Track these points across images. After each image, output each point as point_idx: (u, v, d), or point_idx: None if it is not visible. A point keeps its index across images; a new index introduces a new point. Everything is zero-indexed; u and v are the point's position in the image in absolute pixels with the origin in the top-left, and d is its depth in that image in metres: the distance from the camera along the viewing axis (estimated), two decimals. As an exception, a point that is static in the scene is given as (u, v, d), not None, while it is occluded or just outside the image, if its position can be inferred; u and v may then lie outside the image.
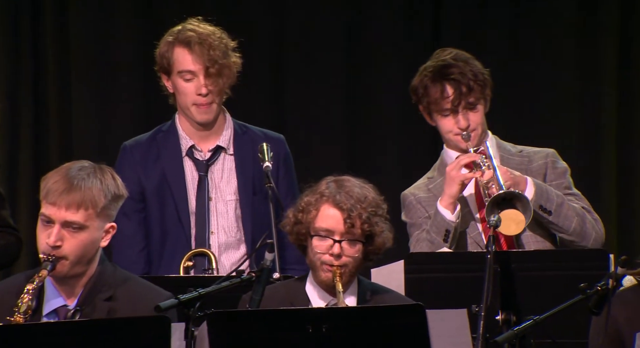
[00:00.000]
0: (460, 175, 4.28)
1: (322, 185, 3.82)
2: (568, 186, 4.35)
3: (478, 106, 4.34)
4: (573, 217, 4.22)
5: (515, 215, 4.10)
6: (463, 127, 4.33)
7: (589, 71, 6.08)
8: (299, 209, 3.80)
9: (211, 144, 4.53)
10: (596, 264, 3.76)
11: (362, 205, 3.73)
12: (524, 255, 3.91)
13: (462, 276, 3.84)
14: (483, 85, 4.34)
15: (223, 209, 4.50)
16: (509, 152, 4.42)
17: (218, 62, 4.39)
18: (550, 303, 3.50)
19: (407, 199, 4.44)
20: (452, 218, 4.26)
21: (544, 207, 4.20)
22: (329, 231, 3.77)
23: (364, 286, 3.82)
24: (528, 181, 4.24)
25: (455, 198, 4.28)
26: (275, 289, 3.79)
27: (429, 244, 4.28)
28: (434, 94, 4.33)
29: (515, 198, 4.15)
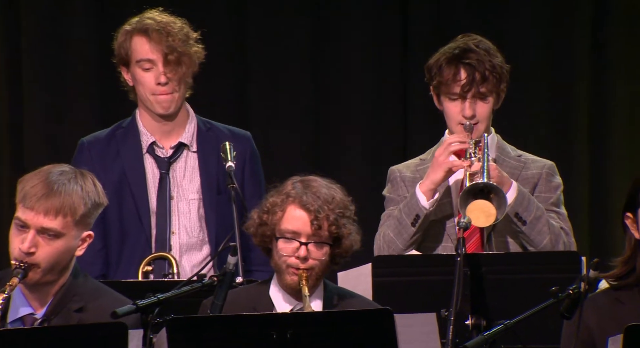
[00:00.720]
0: (448, 162, 4.26)
1: (288, 185, 3.83)
2: (555, 203, 4.36)
3: (489, 98, 4.32)
4: (547, 234, 4.23)
5: (488, 208, 4.08)
6: (468, 116, 4.30)
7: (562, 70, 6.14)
8: (263, 211, 3.80)
9: (173, 140, 4.52)
10: (568, 267, 3.81)
11: (329, 206, 3.75)
12: (494, 257, 3.94)
13: (431, 280, 3.87)
14: (499, 78, 4.31)
15: (185, 209, 4.50)
16: (507, 154, 4.42)
17: (177, 49, 4.39)
18: (521, 307, 3.54)
19: (393, 174, 4.44)
20: (426, 204, 4.26)
21: (520, 216, 4.22)
22: (295, 233, 3.78)
23: (330, 290, 3.84)
24: (513, 185, 4.25)
25: (437, 184, 4.28)
26: (237, 294, 3.79)
27: (397, 223, 4.27)
28: (447, 75, 4.30)
29: (492, 192, 4.14)
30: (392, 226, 4.31)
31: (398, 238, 4.31)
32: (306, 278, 3.74)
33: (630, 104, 6.19)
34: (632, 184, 3.68)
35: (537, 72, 6.15)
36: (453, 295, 3.74)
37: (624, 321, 3.45)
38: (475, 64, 4.29)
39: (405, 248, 4.31)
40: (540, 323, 3.64)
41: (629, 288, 3.65)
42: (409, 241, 4.30)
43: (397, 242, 4.30)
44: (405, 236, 4.30)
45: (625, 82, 6.18)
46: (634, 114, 6.19)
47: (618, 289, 3.66)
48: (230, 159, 4.28)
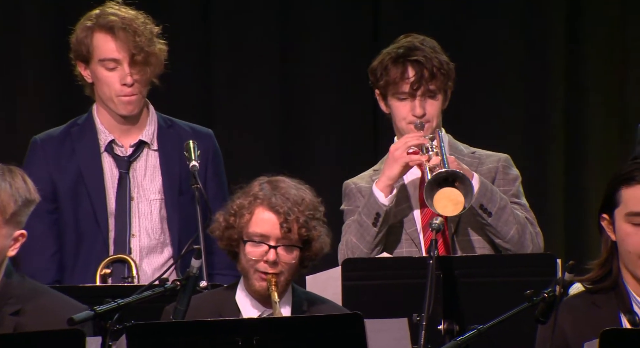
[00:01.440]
0: (405, 156, 4.28)
1: (255, 186, 3.83)
2: (516, 195, 4.40)
3: (438, 95, 4.37)
4: (513, 224, 4.28)
5: (455, 195, 4.12)
6: (419, 115, 4.34)
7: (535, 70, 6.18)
8: (230, 213, 3.79)
9: (133, 138, 4.50)
10: (543, 270, 3.86)
11: (299, 208, 3.76)
12: (467, 260, 3.98)
13: (403, 283, 3.90)
14: (447, 76, 4.36)
15: (146, 210, 4.49)
16: (460, 152, 4.46)
17: (144, 49, 4.36)
18: (495, 312, 3.57)
19: (348, 187, 4.46)
20: (385, 201, 4.27)
21: (484, 207, 4.26)
22: (263, 236, 3.79)
23: (299, 295, 3.85)
24: (474, 176, 4.28)
25: (393, 180, 4.29)
26: (202, 299, 3.78)
27: (358, 226, 4.29)
28: (394, 75, 4.33)
29: (457, 180, 4.17)
30: (354, 231, 4.34)
31: (361, 242, 4.33)
32: (275, 284, 3.75)
33: (606, 103, 6.24)
34: (608, 184, 3.74)
35: (511, 73, 6.18)
36: (425, 299, 3.78)
37: (600, 325, 3.51)
38: (423, 61, 4.34)
39: (369, 251, 4.32)
40: (515, 328, 3.67)
41: (605, 291, 3.70)
42: (372, 244, 4.32)
43: (361, 246, 4.33)
44: (368, 238, 4.32)
45: (601, 82, 6.25)
46: (610, 113, 6.27)
47: (594, 292, 3.70)
48: (195, 158, 4.27)
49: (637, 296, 3.73)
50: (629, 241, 3.69)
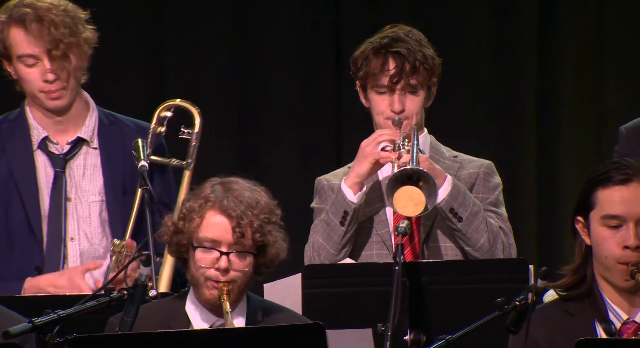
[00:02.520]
0: (375, 152, 4.29)
1: (207, 188, 3.82)
2: (494, 203, 4.44)
3: (420, 91, 4.38)
4: (484, 232, 4.32)
5: (417, 195, 4.13)
6: (397, 110, 4.35)
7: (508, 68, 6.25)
8: (179, 217, 3.79)
9: (70, 135, 4.47)
10: (515, 276, 3.91)
11: (253, 212, 3.76)
12: (435, 265, 4.00)
13: (367, 291, 3.93)
14: (430, 71, 4.37)
15: (85, 212, 4.46)
16: (441, 154, 4.48)
17: (63, 41, 4.32)
18: (464, 321, 3.64)
19: (320, 184, 4.46)
20: (353, 198, 4.29)
21: (455, 211, 4.31)
22: (215, 241, 3.78)
23: (254, 304, 3.85)
24: (447, 178, 4.32)
25: (362, 177, 4.30)
26: (149, 309, 3.78)
27: (325, 226, 4.31)
28: (374, 66, 4.35)
29: (422, 179, 4.19)
30: (321, 230, 4.34)
31: (328, 242, 4.34)
32: (227, 292, 3.74)
33: (579, 102, 6.31)
34: (583, 185, 3.80)
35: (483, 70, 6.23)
36: (391, 307, 3.81)
37: (574, 335, 3.61)
38: (405, 54, 4.35)
39: (337, 252, 4.33)
40: (485, 338, 3.74)
41: (579, 299, 3.77)
42: (340, 244, 4.33)
43: (328, 247, 4.34)
44: (335, 238, 4.33)
45: (574, 80, 6.29)
46: (584, 112, 6.33)
47: (567, 300, 3.78)
48: (144, 157, 4.26)
49: (612, 304, 3.80)
50: (605, 246, 3.76)
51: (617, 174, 3.80)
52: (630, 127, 4.58)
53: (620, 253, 3.78)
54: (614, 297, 3.81)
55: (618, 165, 3.82)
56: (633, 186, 3.79)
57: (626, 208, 3.78)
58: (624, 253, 3.77)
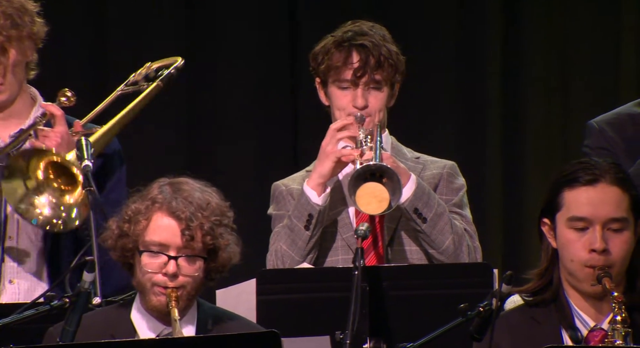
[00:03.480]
0: (337, 151, 4.20)
1: (154, 189, 3.73)
2: (458, 205, 4.36)
3: (384, 88, 4.28)
4: (449, 234, 4.24)
5: (380, 192, 4.04)
6: (360, 106, 4.25)
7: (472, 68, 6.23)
8: (124, 219, 3.69)
9: (12, 129, 4.37)
10: (478, 281, 3.84)
11: (203, 213, 3.67)
12: (396, 270, 3.93)
13: (325, 297, 3.86)
14: (395, 67, 4.28)
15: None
16: (403, 155, 4.39)
17: (2, 33, 4.24)
18: (426, 328, 3.58)
19: (278, 189, 4.36)
20: (317, 200, 4.21)
21: (419, 212, 4.22)
22: (162, 245, 3.71)
23: (204, 311, 3.76)
24: (411, 177, 4.23)
25: (325, 178, 4.21)
26: (93, 318, 3.70)
27: (288, 231, 4.22)
28: (337, 59, 4.25)
29: (386, 176, 4.10)
30: (284, 237, 4.26)
31: (293, 249, 4.26)
32: (176, 299, 3.65)
33: (545, 102, 6.31)
34: (550, 185, 3.73)
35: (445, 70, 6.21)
36: (350, 314, 3.73)
37: (540, 342, 3.56)
38: (370, 47, 4.26)
39: (302, 258, 4.25)
40: (448, 346, 3.65)
41: (545, 304, 3.72)
42: (305, 250, 4.25)
43: (292, 253, 4.26)
44: (300, 243, 4.25)
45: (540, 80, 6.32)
46: (550, 109, 6.35)
47: (533, 306, 3.73)
48: (87, 157, 4.14)
49: (579, 310, 3.74)
50: (571, 249, 3.70)
51: (585, 174, 3.72)
52: (602, 120, 4.53)
53: (587, 257, 3.71)
54: (581, 303, 3.75)
55: (585, 165, 3.74)
56: (600, 187, 3.72)
57: (593, 209, 3.71)
58: (591, 256, 3.70)
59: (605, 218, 3.70)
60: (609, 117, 4.52)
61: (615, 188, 3.72)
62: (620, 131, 4.46)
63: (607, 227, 3.71)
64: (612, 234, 3.71)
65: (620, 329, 3.61)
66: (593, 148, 4.45)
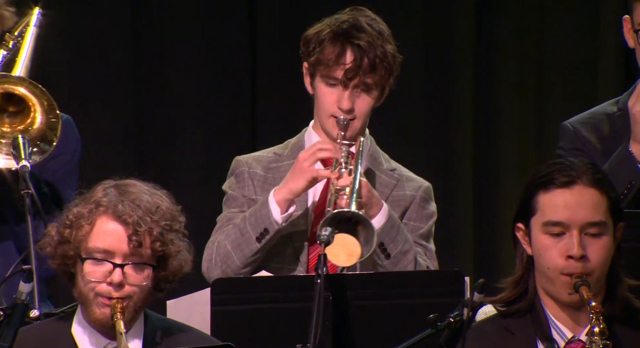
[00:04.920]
0: (313, 170, 4.11)
1: (98, 192, 3.61)
2: (425, 236, 4.26)
3: (373, 91, 4.17)
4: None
5: (352, 245, 3.96)
6: (345, 109, 4.14)
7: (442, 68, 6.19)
8: (65, 224, 3.56)
9: None
10: (449, 290, 3.73)
11: (152, 217, 3.56)
12: (361, 278, 3.82)
13: (285, 308, 3.75)
14: (389, 70, 4.16)
15: None
16: (379, 165, 4.28)
17: None
18: (393, 340, 3.50)
19: (240, 167, 4.24)
20: (278, 218, 4.10)
21: (385, 247, 4.11)
22: (107, 252, 3.58)
23: (152, 323, 3.64)
24: (383, 209, 4.13)
25: (295, 195, 4.12)
26: (30, 332, 3.58)
27: (238, 234, 4.10)
28: (329, 54, 4.13)
29: (360, 224, 4.01)
30: (232, 236, 4.13)
31: (236, 252, 4.14)
32: (121, 310, 3.53)
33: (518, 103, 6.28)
34: (524, 188, 3.62)
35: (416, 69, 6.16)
36: (312, 326, 3.63)
37: (515, 354, 3.43)
38: (366, 48, 4.13)
39: (243, 266, 4.13)
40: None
41: (520, 315, 3.61)
42: (249, 259, 4.13)
43: (235, 257, 4.13)
44: (246, 251, 4.14)
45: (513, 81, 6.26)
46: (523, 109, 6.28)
47: (507, 316, 3.62)
48: (25, 157, 4.05)
49: (556, 321, 3.63)
50: (547, 255, 3.59)
51: (560, 176, 3.60)
52: (576, 120, 4.46)
53: (564, 264, 3.59)
54: (558, 313, 3.64)
55: (561, 166, 3.62)
56: (577, 189, 3.60)
57: (570, 213, 3.59)
58: (568, 263, 3.59)
59: (582, 222, 3.58)
60: (583, 118, 4.46)
61: (592, 189, 3.60)
62: (595, 130, 4.40)
63: (585, 232, 3.59)
64: (590, 239, 3.59)
65: (598, 341, 3.49)
66: (566, 149, 4.41)
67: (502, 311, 3.64)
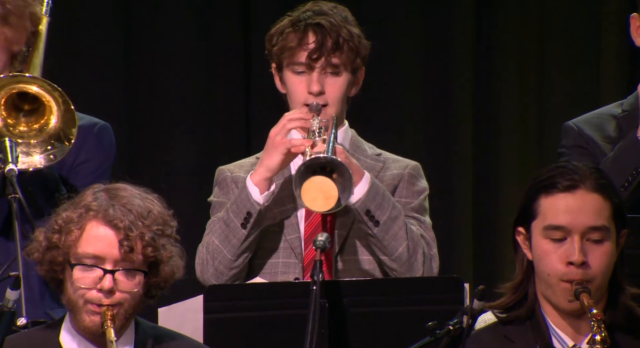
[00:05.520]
0: (286, 141, 4.03)
1: (88, 196, 3.55)
2: (417, 209, 4.19)
3: (343, 73, 4.12)
4: (403, 240, 4.07)
5: (329, 187, 3.85)
6: (315, 91, 4.08)
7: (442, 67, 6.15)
8: (54, 229, 3.50)
9: None
10: (448, 296, 3.70)
11: (144, 222, 3.50)
12: (358, 285, 3.77)
13: (280, 315, 3.71)
14: (355, 50, 4.10)
15: None
16: (362, 152, 4.23)
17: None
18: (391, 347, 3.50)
19: (222, 175, 4.19)
20: (259, 198, 4.03)
21: (372, 214, 4.03)
22: (97, 257, 3.52)
23: (143, 331, 3.58)
24: (365, 176, 4.05)
25: (273, 172, 4.04)
26: (17, 340, 3.51)
27: (223, 226, 4.04)
28: (291, 40, 4.10)
29: (336, 171, 3.92)
30: (218, 230, 4.08)
31: (225, 245, 4.08)
32: (112, 318, 3.47)
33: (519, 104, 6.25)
34: (525, 192, 3.57)
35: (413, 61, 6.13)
36: (307, 334, 3.59)
37: (515, 363, 3.39)
38: (328, 27, 4.09)
39: (234, 257, 4.07)
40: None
41: (520, 322, 3.56)
42: (239, 249, 4.07)
43: (225, 251, 4.09)
44: (234, 241, 4.08)
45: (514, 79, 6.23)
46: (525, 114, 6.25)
47: (507, 323, 3.58)
48: (11, 160, 4.01)
49: (556, 328, 3.58)
50: (547, 261, 3.54)
51: (563, 180, 3.55)
52: (580, 120, 4.43)
53: (564, 270, 3.53)
54: (558, 321, 3.59)
55: (564, 169, 3.57)
56: (580, 194, 3.55)
57: (571, 218, 3.53)
58: (568, 269, 3.53)
59: (584, 227, 3.53)
60: (587, 117, 4.45)
61: (595, 195, 3.54)
62: (599, 129, 4.37)
63: (587, 237, 3.53)
64: (592, 245, 3.53)
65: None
66: (569, 147, 4.38)
67: (501, 318, 3.59)
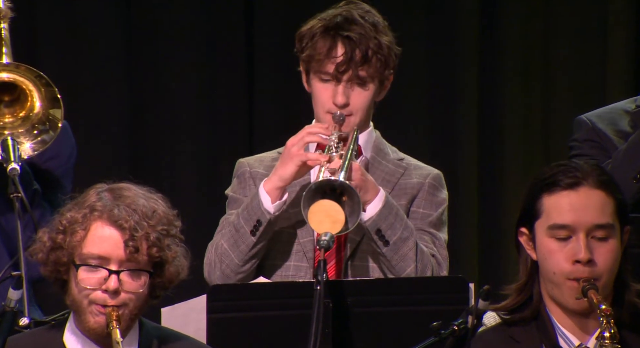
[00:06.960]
0: (302, 154, 4.08)
1: (92, 196, 3.57)
2: (435, 224, 4.21)
3: (369, 84, 4.14)
4: (411, 261, 4.09)
5: (336, 212, 3.89)
6: (340, 104, 4.12)
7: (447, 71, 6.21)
8: (58, 230, 3.51)
9: None
10: (453, 297, 3.72)
11: (149, 222, 3.52)
12: (363, 285, 3.80)
13: (283, 315, 3.74)
14: (384, 62, 4.13)
15: None
16: (385, 155, 4.25)
17: None
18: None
19: (241, 168, 4.22)
20: (270, 207, 4.07)
21: (382, 234, 4.07)
22: (102, 258, 3.54)
23: (148, 332, 3.60)
24: (380, 194, 4.08)
25: (286, 182, 4.08)
26: (20, 341, 3.52)
27: (233, 231, 4.09)
28: (320, 48, 4.13)
29: (346, 194, 3.96)
30: (228, 234, 4.11)
31: (233, 250, 4.12)
32: (117, 319, 3.49)
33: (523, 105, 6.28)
34: (528, 191, 3.60)
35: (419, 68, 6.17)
36: (311, 334, 3.62)
37: (519, 364, 3.42)
38: (357, 40, 4.11)
39: (242, 263, 4.11)
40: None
41: (525, 323, 3.59)
42: (247, 255, 4.11)
43: (233, 255, 4.12)
44: (242, 247, 4.12)
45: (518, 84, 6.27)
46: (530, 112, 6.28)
47: (512, 324, 3.60)
48: (14, 159, 4.03)
49: (563, 328, 3.62)
50: (553, 260, 3.57)
51: (565, 177, 3.58)
52: (593, 114, 4.44)
53: (570, 268, 3.56)
54: (565, 321, 3.62)
55: (566, 167, 3.60)
56: (583, 191, 3.58)
57: (576, 216, 3.56)
58: (575, 268, 3.56)
59: (589, 225, 3.56)
60: (600, 112, 4.46)
61: (598, 191, 3.58)
62: (612, 123, 4.41)
63: (592, 235, 3.57)
64: (597, 243, 3.57)
65: (609, 346, 3.45)
66: (581, 141, 4.41)
67: (506, 319, 3.62)
